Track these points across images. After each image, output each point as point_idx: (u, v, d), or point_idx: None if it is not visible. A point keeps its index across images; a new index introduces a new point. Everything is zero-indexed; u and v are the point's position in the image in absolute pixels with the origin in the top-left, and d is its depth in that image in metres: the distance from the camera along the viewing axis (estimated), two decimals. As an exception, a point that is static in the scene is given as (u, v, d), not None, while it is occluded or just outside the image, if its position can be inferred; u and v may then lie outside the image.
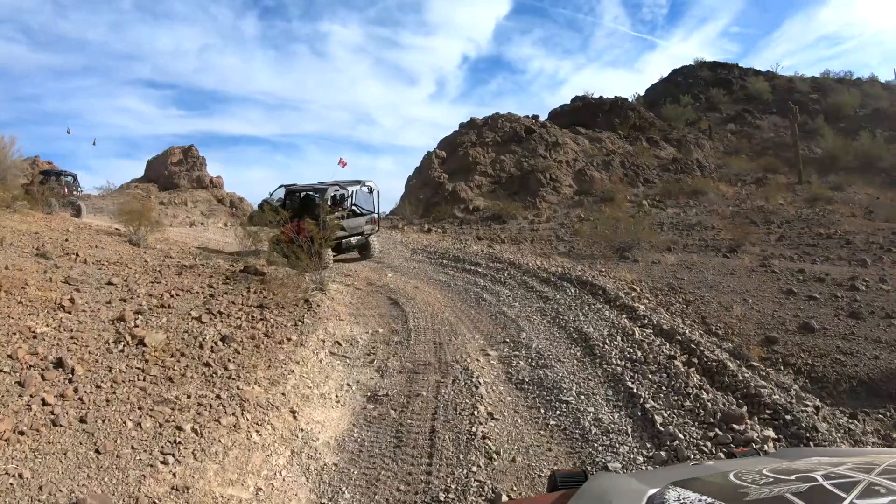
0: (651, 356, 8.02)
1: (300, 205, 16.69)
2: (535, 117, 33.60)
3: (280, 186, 18.16)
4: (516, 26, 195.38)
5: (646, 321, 9.89)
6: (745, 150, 36.60)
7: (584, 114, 36.77)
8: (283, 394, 7.03)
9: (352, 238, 16.52)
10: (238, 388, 6.79)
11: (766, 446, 5.73)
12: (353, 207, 18.02)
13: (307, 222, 14.49)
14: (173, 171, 32.50)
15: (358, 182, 17.53)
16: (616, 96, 38.27)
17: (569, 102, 39.26)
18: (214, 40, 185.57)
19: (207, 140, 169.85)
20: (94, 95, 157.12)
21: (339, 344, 9.34)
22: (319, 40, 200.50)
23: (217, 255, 16.18)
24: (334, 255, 15.68)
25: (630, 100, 40.40)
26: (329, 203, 16.20)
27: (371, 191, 17.66)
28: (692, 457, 5.65)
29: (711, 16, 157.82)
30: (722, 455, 5.62)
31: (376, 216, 17.84)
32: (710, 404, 6.51)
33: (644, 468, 5.65)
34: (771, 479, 1.24)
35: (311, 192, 16.85)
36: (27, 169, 28.84)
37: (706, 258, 16.71)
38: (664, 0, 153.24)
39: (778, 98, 43.24)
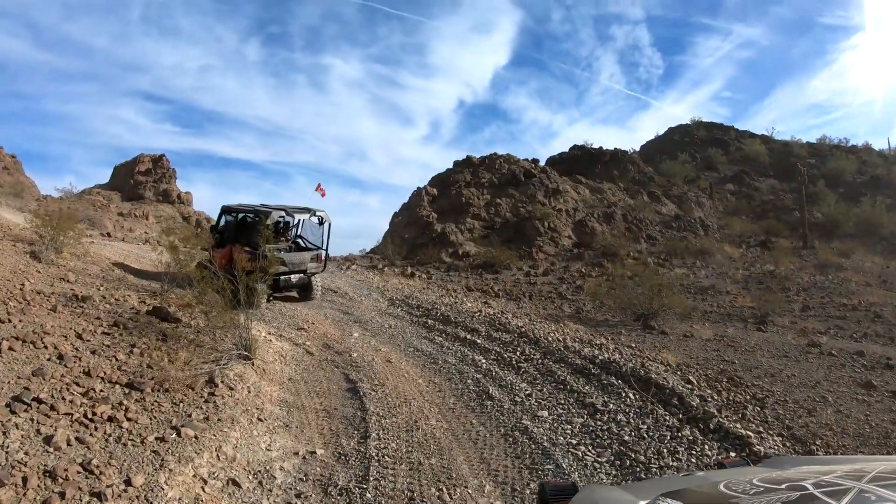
0: None
1: (236, 228, 13.10)
2: (535, 161, 29.67)
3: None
4: (514, 76, 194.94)
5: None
6: (745, 212, 33.24)
7: (583, 163, 33.05)
8: None
9: (292, 276, 12.88)
10: None
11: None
12: (298, 239, 14.38)
13: (241, 251, 11.01)
14: (139, 181, 27.68)
15: (307, 210, 13.72)
16: (616, 148, 34.60)
17: (567, 150, 35.46)
18: (216, 61, 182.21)
19: (199, 159, 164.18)
20: (91, 102, 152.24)
21: (237, 486, 4.75)
22: (320, 72, 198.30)
23: (137, 285, 11.90)
24: (270, 294, 12.25)
25: (629, 152, 36.66)
26: (271, 230, 12.22)
27: (321, 222, 13.87)
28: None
29: (705, 79, 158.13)
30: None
31: (324, 253, 13.97)
32: None
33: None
34: (761, 489, 1.20)
35: (250, 215, 13.01)
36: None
37: (742, 332, 14.10)
38: (660, 61, 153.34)
39: (775, 161, 40.33)
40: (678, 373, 9.45)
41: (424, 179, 27.96)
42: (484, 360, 9.14)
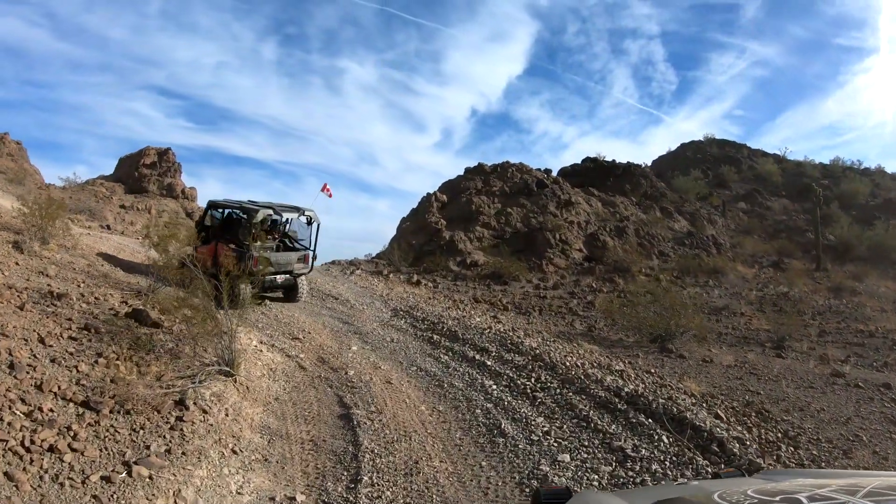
0: None
1: (222, 225, 12.46)
2: (548, 171, 28.59)
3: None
4: (527, 87, 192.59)
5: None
6: (757, 231, 32.11)
7: (595, 175, 31.92)
8: None
9: (277, 276, 12.02)
10: None
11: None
12: (285, 239, 13.45)
13: (226, 248, 10.53)
14: (144, 174, 26.50)
15: (296, 209, 12.96)
16: (629, 161, 33.51)
17: (579, 162, 34.35)
18: (232, 59, 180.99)
19: (210, 156, 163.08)
20: (105, 94, 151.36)
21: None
22: (335, 75, 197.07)
23: (124, 282, 10.98)
24: (258, 294, 11.07)
25: (642, 167, 35.51)
26: (258, 229, 11.77)
27: (310, 221, 13.09)
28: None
29: (718, 97, 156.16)
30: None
31: (312, 253, 13.08)
32: None
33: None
34: (755, 500, 1.16)
35: (236, 211, 12.32)
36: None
37: (763, 358, 13.27)
38: (673, 77, 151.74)
39: (787, 181, 39.19)
40: (704, 404, 8.48)
41: (435, 186, 26.87)
42: (495, 386, 8.01)
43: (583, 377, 8.19)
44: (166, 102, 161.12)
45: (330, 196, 18.19)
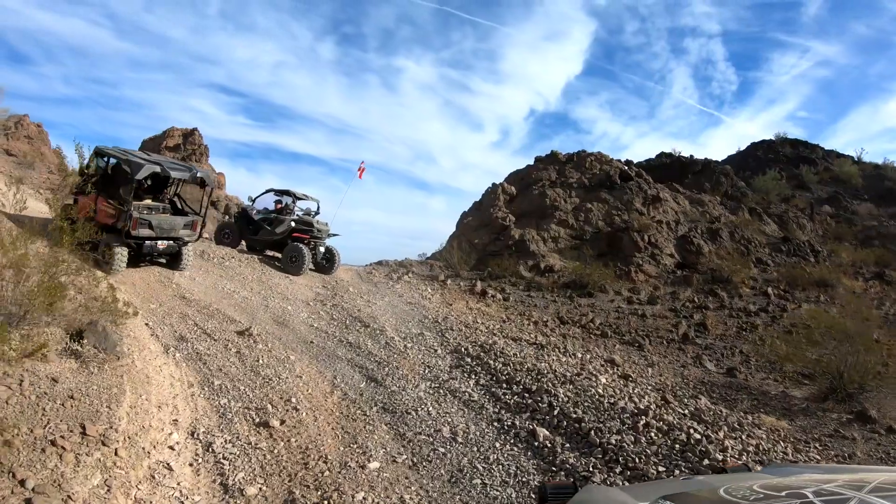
0: None
1: (104, 176, 9.92)
2: (629, 163, 23.19)
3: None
4: (586, 87, 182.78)
5: None
6: (847, 237, 26.12)
7: (671, 172, 26.40)
8: None
9: (159, 242, 9.78)
10: None
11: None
12: (175, 199, 10.95)
13: (105, 204, 9.07)
14: (166, 157, 22.19)
15: (188, 169, 10.33)
16: (706, 158, 27.75)
17: (654, 157, 28.72)
18: (290, 58, 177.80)
19: (269, 153, 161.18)
20: (166, 91, 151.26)
21: None
22: (392, 74, 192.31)
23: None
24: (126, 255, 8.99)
25: (721, 164, 29.68)
26: (144, 185, 10.11)
27: (203, 185, 10.58)
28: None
29: (780, 98, 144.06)
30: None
31: (201, 219, 10.60)
32: None
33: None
34: (761, 496, 1.09)
35: (124, 165, 9.54)
36: (11, 128, 20.89)
37: None
38: (734, 77, 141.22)
39: (868, 184, 32.90)
40: None
41: (491, 185, 21.39)
42: None
43: None
44: (226, 100, 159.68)
45: (362, 174, 15.34)
